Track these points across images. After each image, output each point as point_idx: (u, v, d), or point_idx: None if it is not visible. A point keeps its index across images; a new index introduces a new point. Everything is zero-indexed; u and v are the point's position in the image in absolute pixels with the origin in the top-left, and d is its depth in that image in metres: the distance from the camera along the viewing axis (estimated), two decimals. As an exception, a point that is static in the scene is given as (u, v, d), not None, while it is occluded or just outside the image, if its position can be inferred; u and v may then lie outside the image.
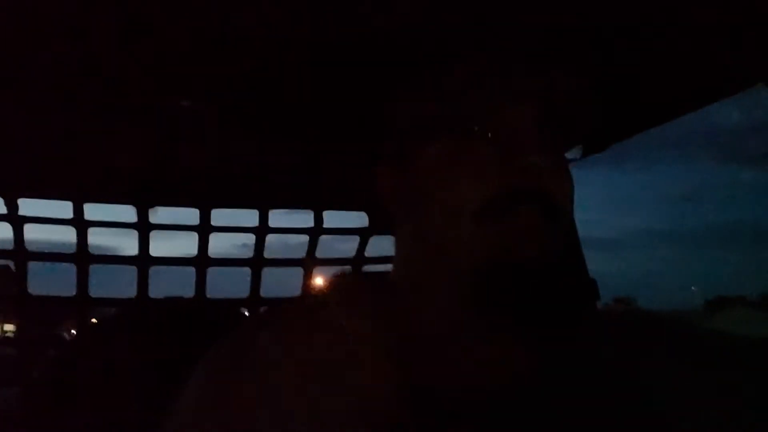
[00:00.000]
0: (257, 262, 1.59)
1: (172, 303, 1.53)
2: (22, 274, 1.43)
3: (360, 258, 1.67)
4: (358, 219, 1.63)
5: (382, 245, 1.62)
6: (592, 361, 0.59)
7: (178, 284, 1.64)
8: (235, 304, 1.61)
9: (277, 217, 1.61)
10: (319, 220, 1.62)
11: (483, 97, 0.57)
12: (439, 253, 0.58)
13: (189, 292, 1.54)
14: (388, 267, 0.72)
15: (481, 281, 0.55)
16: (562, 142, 0.60)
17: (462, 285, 0.57)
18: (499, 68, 0.59)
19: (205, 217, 1.53)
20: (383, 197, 0.66)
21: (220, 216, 1.57)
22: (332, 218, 1.64)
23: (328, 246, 1.69)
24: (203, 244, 1.54)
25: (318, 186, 1.46)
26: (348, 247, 1.67)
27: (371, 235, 1.63)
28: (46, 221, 1.46)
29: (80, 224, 1.44)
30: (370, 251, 1.65)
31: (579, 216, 1.37)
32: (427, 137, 0.60)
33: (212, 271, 1.56)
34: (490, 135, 0.57)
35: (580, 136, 0.61)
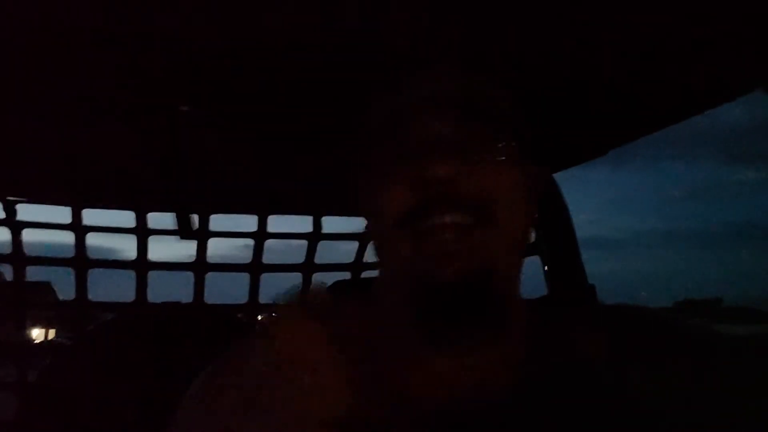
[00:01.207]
0: (256, 267, 1.59)
1: (170, 308, 1.53)
2: (20, 280, 1.43)
3: (359, 263, 1.66)
4: (358, 224, 1.63)
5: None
6: (577, 362, 0.60)
7: (176, 289, 1.64)
8: (233, 309, 1.61)
9: (277, 222, 1.61)
10: (317, 225, 1.62)
11: (398, 104, 0.57)
12: (385, 267, 0.59)
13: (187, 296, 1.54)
14: None
15: (413, 296, 0.56)
16: (492, 144, 0.58)
17: (401, 298, 0.58)
18: (414, 74, 0.59)
19: (203, 222, 1.53)
20: (362, 209, 0.67)
21: (220, 217, 1.57)
22: (331, 223, 1.65)
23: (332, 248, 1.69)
24: (201, 249, 1.54)
25: (317, 191, 1.46)
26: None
27: (371, 240, 1.63)
28: (45, 226, 1.46)
29: (78, 229, 1.44)
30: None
31: (580, 216, 1.37)
32: (369, 149, 0.60)
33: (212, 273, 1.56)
34: (404, 145, 0.56)
35: (518, 137, 0.59)
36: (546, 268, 1.39)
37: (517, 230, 0.58)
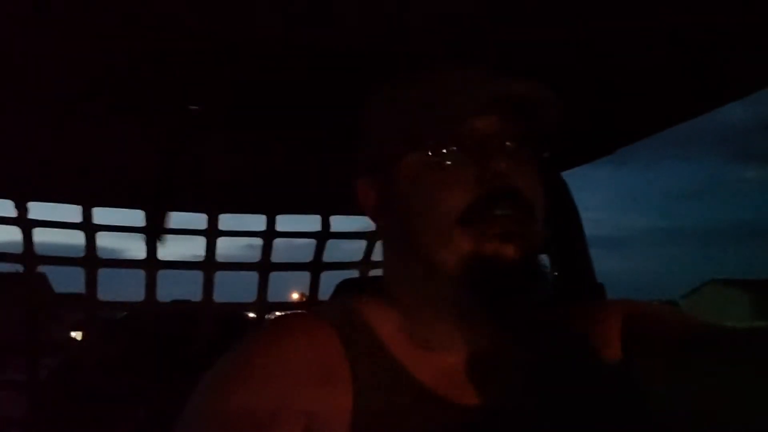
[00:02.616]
0: (265, 265, 1.60)
1: (179, 306, 1.54)
2: (30, 278, 1.45)
3: (367, 261, 1.67)
4: (365, 222, 1.64)
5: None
6: (582, 358, 0.62)
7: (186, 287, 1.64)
8: (242, 308, 1.62)
9: (285, 221, 1.62)
10: (326, 224, 1.63)
11: (454, 107, 0.59)
12: (424, 257, 0.60)
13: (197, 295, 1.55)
14: None
15: (465, 280, 0.58)
16: (532, 147, 0.62)
17: (445, 284, 0.59)
18: (468, 78, 0.61)
19: (212, 221, 1.54)
20: (365, 207, 0.69)
21: (226, 218, 1.58)
22: (339, 222, 1.65)
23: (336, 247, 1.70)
24: (211, 248, 1.55)
25: (325, 190, 1.47)
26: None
27: (378, 239, 1.63)
28: (55, 225, 1.47)
29: (89, 228, 1.46)
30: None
31: (584, 215, 1.36)
32: (403, 148, 0.62)
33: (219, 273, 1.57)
34: (462, 143, 0.59)
35: (555, 140, 0.62)
36: (555, 267, 1.39)
37: (542, 232, 0.61)
